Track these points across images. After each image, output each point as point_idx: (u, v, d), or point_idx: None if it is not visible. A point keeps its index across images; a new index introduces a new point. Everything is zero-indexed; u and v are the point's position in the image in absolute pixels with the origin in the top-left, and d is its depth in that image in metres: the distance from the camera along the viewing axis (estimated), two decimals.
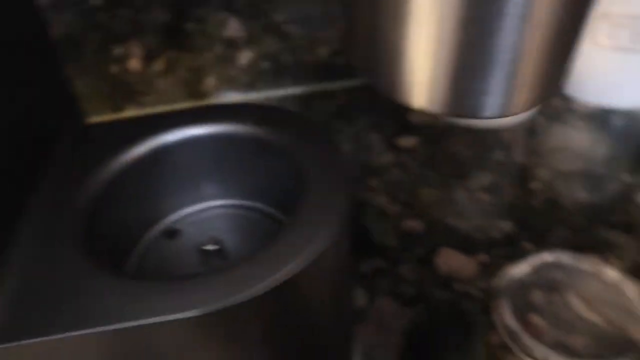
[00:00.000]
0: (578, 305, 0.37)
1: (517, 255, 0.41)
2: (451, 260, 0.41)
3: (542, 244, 0.42)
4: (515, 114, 0.26)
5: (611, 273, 0.39)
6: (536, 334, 0.35)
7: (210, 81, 0.60)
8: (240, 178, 0.31)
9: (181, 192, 0.31)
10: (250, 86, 0.61)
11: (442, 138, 0.54)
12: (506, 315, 0.36)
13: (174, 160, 0.30)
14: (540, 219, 0.44)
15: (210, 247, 0.28)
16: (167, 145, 0.29)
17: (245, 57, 0.59)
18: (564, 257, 0.40)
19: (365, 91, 0.62)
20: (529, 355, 0.34)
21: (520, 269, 0.39)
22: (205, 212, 0.31)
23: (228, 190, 0.31)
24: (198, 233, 0.30)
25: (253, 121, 0.29)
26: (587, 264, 0.40)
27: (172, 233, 0.31)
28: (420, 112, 0.58)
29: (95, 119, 0.36)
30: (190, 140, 0.30)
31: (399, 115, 0.58)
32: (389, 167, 0.50)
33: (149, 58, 0.57)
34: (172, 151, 0.30)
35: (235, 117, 0.30)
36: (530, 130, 0.55)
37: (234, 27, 0.57)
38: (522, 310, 0.37)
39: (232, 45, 0.58)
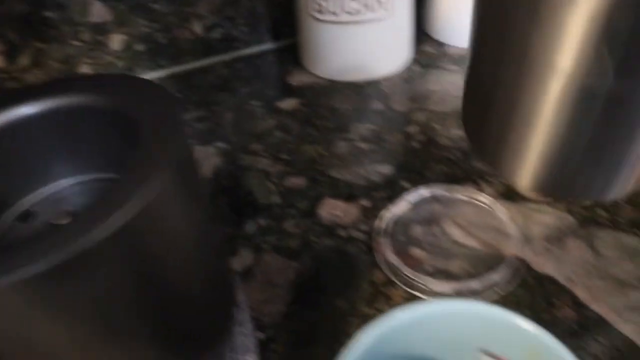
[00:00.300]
0: (455, 232, 0.39)
1: (397, 195, 0.42)
2: (334, 209, 0.42)
3: (420, 182, 0.43)
4: (623, 195, 0.28)
5: (483, 198, 0.41)
6: (416, 266, 0.37)
7: (84, 70, 0.58)
8: (90, 151, 0.30)
9: (32, 173, 0.30)
10: (127, 70, 0.60)
11: (322, 96, 0.55)
12: (387, 252, 0.37)
13: (19, 141, 0.29)
14: (418, 159, 0.46)
15: (62, 222, 0.27)
16: (7, 126, 0.28)
17: (117, 41, 0.58)
18: (440, 190, 0.42)
19: (244, 62, 0.62)
20: (411, 286, 0.35)
21: (399, 207, 0.40)
22: (60, 191, 0.30)
23: (80, 165, 0.30)
24: (53, 212, 0.30)
25: (93, 91, 0.28)
26: (461, 193, 0.41)
27: (26, 216, 0.30)
28: (300, 75, 0.58)
29: None
30: (30, 119, 0.28)
31: (279, 81, 0.58)
32: (271, 131, 0.51)
33: (11, 53, 0.54)
34: (14, 131, 0.29)
35: (76, 88, 0.29)
36: (406, 78, 0.57)
37: (98, 11, 0.55)
38: (403, 246, 0.38)
39: (101, 30, 0.56)
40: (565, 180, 0.27)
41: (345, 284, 0.36)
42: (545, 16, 0.22)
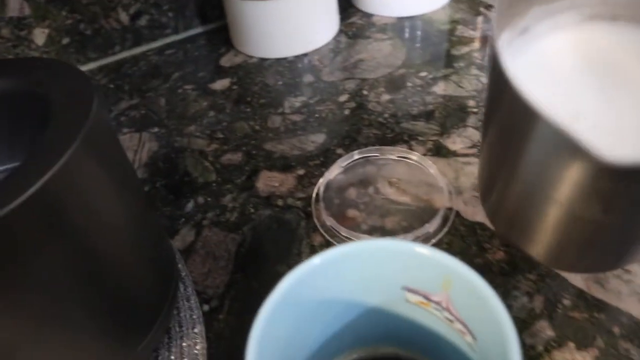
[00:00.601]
0: (388, 191, 0.40)
1: (331, 162, 0.43)
2: (271, 181, 0.42)
3: (353, 147, 0.44)
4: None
5: (414, 156, 0.42)
6: (353, 226, 0.38)
7: None
8: (2, 141, 0.30)
9: None
10: None
11: (254, 74, 0.55)
12: (324, 216, 0.38)
13: None
14: (350, 125, 0.47)
15: None
16: None
17: (40, 36, 0.57)
18: (371, 152, 0.43)
19: (174, 48, 0.62)
20: None
21: (332, 172, 0.41)
22: None
23: None
24: None
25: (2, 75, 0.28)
26: (392, 153, 0.43)
27: None
28: (231, 56, 0.58)
29: None
30: None
31: (211, 63, 0.58)
32: (205, 112, 0.51)
33: None
34: None
35: None
36: (335, 49, 0.57)
37: (15, 5, 0.54)
38: (339, 208, 0.39)
39: (21, 25, 0.55)
40: (576, 259, 0.30)
41: (285, 250, 0.37)
42: (540, 163, 0.24)
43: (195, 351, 0.32)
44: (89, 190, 0.23)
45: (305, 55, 0.57)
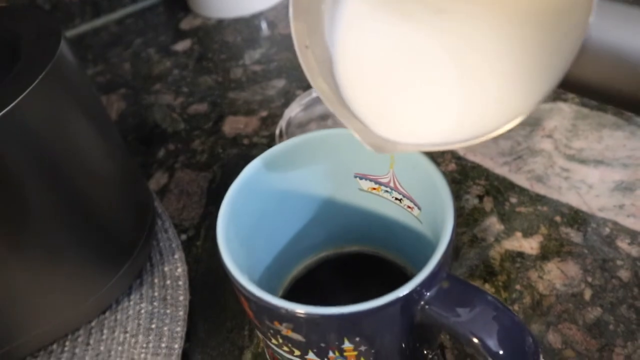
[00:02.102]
0: None
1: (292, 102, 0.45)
2: (236, 124, 0.45)
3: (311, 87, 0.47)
4: None
5: None
6: None
7: None
8: None
9: None
10: None
11: (213, 33, 0.57)
12: None
13: None
14: None
15: None
16: None
17: None
18: None
19: (134, 17, 0.63)
20: None
21: (293, 110, 0.44)
22: None
23: None
24: None
25: None
26: None
27: None
28: (190, 19, 0.60)
29: None
30: None
31: (171, 28, 0.60)
32: (169, 70, 0.53)
33: None
34: None
35: None
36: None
37: None
38: None
39: None
40: None
41: None
42: None
43: (177, 274, 0.35)
44: (63, 121, 0.26)
45: (261, 13, 0.59)
